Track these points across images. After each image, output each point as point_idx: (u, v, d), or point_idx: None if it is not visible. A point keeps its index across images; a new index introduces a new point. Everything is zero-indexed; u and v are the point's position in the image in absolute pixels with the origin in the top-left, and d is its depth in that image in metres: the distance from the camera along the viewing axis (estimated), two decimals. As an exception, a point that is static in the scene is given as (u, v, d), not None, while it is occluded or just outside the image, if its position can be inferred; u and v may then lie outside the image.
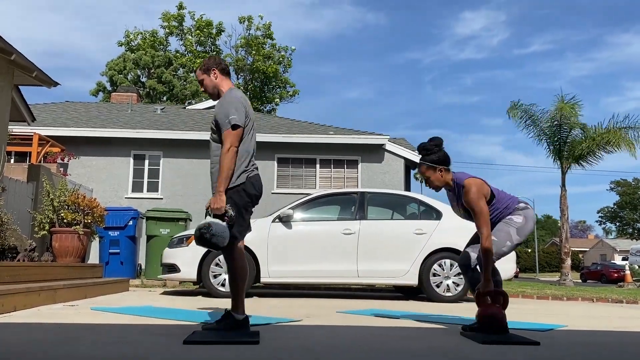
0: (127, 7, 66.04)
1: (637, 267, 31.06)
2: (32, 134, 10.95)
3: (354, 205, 7.67)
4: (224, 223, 3.27)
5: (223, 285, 7.00)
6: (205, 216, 3.38)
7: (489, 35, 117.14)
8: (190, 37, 35.20)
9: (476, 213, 3.76)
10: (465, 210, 3.93)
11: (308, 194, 8.03)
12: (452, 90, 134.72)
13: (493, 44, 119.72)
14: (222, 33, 35.89)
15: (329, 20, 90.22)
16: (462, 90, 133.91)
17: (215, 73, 3.61)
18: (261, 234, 7.25)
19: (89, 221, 7.51)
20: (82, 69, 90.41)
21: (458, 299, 7.26)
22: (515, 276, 28.75)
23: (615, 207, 69.95)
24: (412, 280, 7.34)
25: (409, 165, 15.96)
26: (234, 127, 3.35)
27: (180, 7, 35.06)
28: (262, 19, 35.51)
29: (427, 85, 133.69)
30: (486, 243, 3.69)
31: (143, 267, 10.86)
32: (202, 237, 3.24)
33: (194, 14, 35.35)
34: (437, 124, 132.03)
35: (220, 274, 7.07)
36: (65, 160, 10.54)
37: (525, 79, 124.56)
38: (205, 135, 14.62)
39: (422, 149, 3.98)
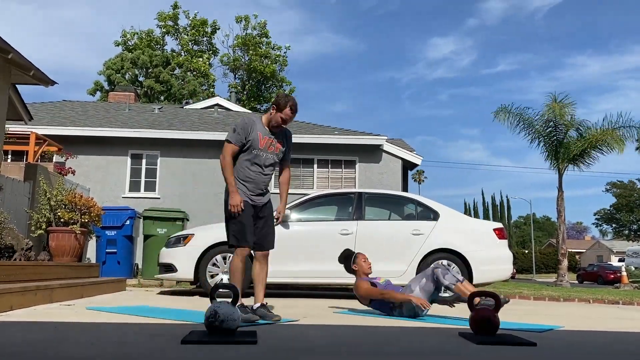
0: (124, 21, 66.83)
1: (633, 269, 31.17)
2: (29, 132, 10.91)
3: (352, 205, 7.66)
4: (229, 304, 3.20)
5: (220, 285, 7.00)
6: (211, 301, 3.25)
7: (458, 58, 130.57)
8: (185, 36, 35.22)
9: None
10: None
11: (305, 194, 8.03)
12: (429, 104, 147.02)
13: (463, 65, 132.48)
14: (217, 31, 35.95)
15: (310, 44, 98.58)
16: (439, 105, 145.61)
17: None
18: (258, 234, 7.24)
19: (86, 220, 7.49)
20: (81, 82, 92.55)
21: (455, 299, 7.25)
22: (512, 277, 28.83)
23: (611, 209, 70.01)
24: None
25: (406, 165, 15.98)
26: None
27: (175, 6, 35.06)
28: (256, 17, 35.64)
29: (406, 101, 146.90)
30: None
31: (140, 266, 10.83)
32: (212, 326, 3.15)
33: (188, 13, 35.41)
34: (418, 133, 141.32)
35: (217, 274, 7.06)
36: (64, 159, 10.57)
37: (496, 94, 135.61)
38: (203, 135, 14.60)
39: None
